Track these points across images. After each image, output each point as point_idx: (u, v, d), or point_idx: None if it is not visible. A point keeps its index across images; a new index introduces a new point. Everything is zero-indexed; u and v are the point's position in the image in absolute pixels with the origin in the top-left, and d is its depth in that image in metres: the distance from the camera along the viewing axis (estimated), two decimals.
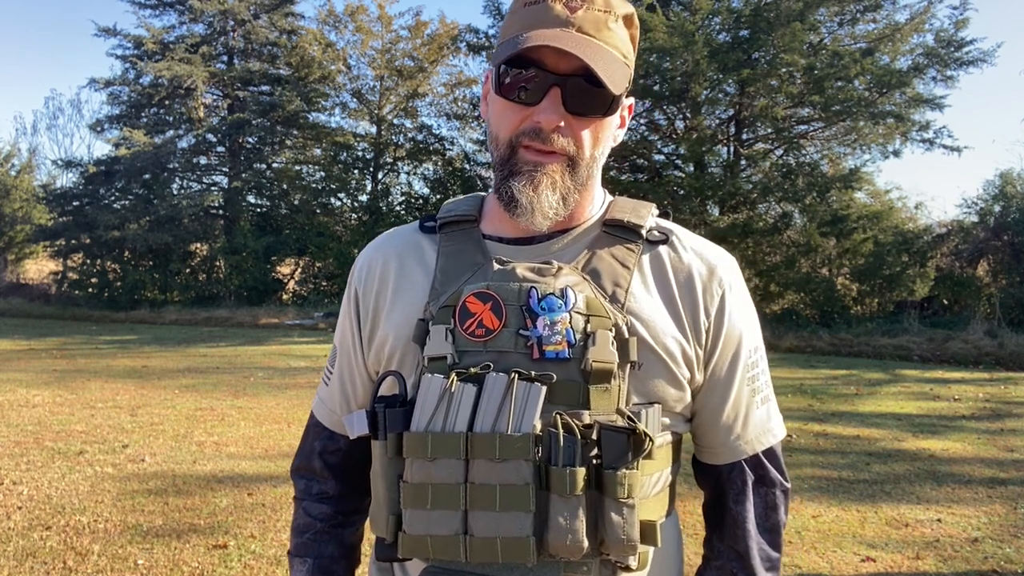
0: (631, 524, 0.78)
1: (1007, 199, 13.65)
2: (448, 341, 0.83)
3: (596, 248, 0.90)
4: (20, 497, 3.94)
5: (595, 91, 0.83)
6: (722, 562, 0.94)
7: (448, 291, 0.87)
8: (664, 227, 0.94)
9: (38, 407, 6.19)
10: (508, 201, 0.86)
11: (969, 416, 6.48)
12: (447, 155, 18.27)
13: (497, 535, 0.77)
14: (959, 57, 12.45)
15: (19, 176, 21.16)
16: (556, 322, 0.81)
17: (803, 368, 9.32)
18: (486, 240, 0.93)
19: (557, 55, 0.81)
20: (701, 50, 11.88)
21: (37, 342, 10.84)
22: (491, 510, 0.77)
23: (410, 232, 0.98)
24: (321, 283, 17.62)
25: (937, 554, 3.40)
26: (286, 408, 6.37)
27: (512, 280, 0.85)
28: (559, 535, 0.77)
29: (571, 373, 0.81)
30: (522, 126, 0.84)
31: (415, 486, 0.80)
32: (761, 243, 13.14)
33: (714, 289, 0.90)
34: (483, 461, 0.78)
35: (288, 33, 17.79)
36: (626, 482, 0.78)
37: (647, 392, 0.86)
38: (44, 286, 18.46)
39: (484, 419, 0.79)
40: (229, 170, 17.74)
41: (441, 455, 0.79)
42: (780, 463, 0.96)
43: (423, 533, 0.79)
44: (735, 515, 0.93)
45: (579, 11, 0.83)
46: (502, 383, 0.79)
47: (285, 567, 3.15)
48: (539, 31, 0.82)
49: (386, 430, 0.82)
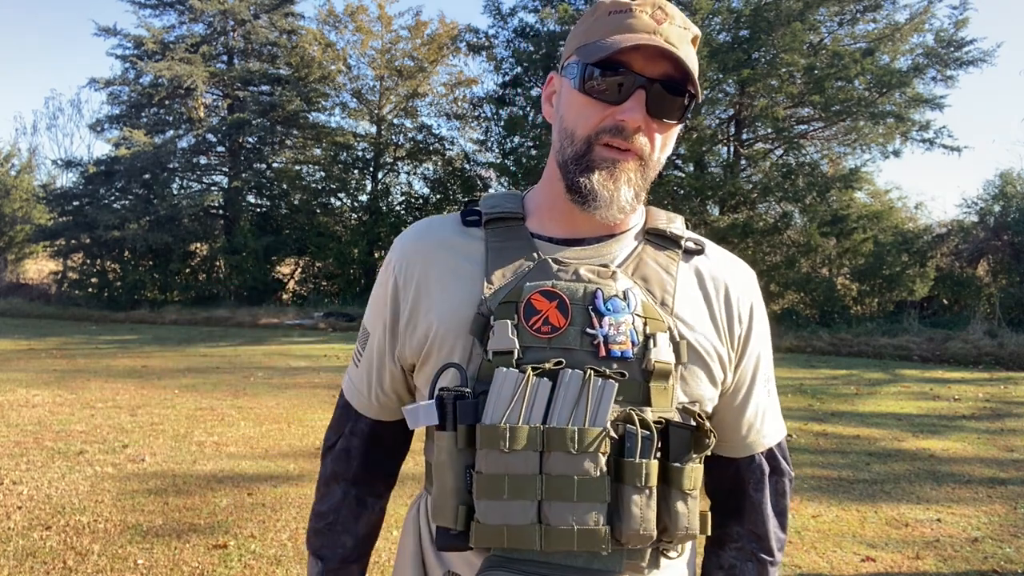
0: (694, 514, 0.85)
1: (1007, 199, 13.65)
2: (513, 336, 0.85)
3: (642, 255, 0.95)
4: (20, 497, 3.94)
5: (674, 98, 0.88)
6: (742, 543, 1.01)
7: (506, 287, 0.89)
8: (697, 239, 1.00)
9: (38, 407, 6.19)
10: (587, 194, 0.88)
11: (969, 416, 6.48)
12: (447, 155, 18.27)
13: (573, 524, 0.81)
14: (959, 57, 12.46)
15: (19, 176, 21.16)
16: (621, 323, 0.86)
17: (803, 368, 9.32)
18: (535, 239, 0.95)
19: (644, 59, 0.86)
20: (701, 50, 11.88)
21: (37, 342, 10.84)
22: (568, 500, 0.81)
23: (452, 224, 0.99)
24: (321, 283, 17.63)
25: (937, 554, 3.40)
26: (286, 408, 6.37)
27: (576, 280, 0.88)
28: (633, 524, 0.81)
29: (634, 372, 0.86)
30: (603, 123, 0.88)
31: (490, 477, 0.82)
32: (761, 243, 13.14)
33: (746, 300, 0.98)
34: (560, 453, 0.81)
35: (288, 33, 17.78)
36: (692, 475, 0.84)
37: (690, 392, 0.91)
38: (44, 286, 18.46)
39: (560, 413, 0.82)
40: (229, 170, 17.74)
41: (518, 447, 0.81)
42: (787, 455, 1.05)
43: (499, 523, 0.82)
44: (755, 502, 1.01)
45: (664, 23, 0.88)
46: (578, 379, 0.83)
47: (285, 567, 3.15)
48: (633, 35, 0.86)
49: (455, 421, 0.84)
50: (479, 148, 17.84)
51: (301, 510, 3.83)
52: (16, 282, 19.09)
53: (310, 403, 6.60)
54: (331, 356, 9.79)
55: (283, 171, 17.75)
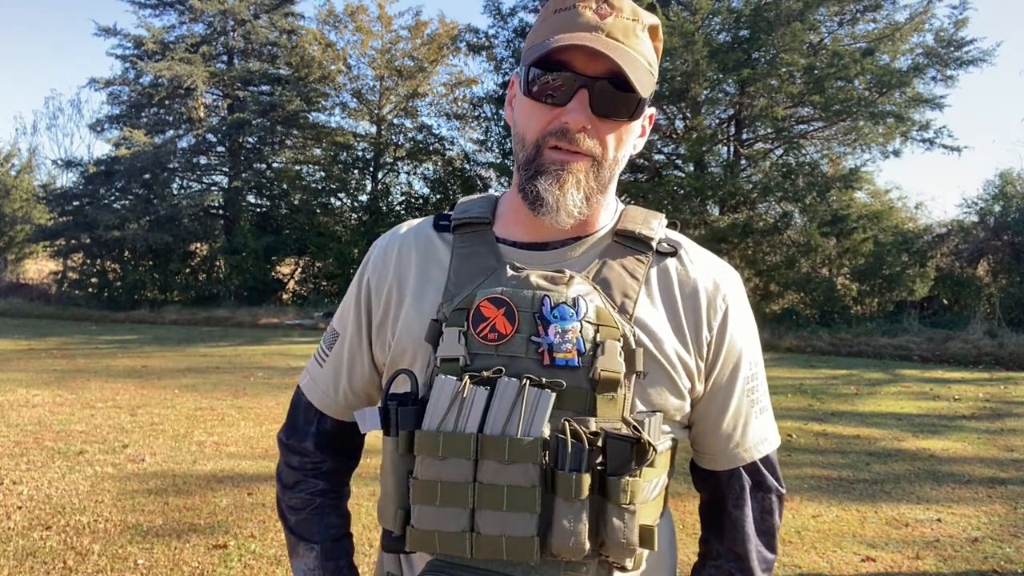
0: (631, 529, 0.81)
1: (1007, 199, 13.64)
2: (461, 343, 0.84)
3: (607, 258, 0.92)
4: (20, 497, 3.94)
5: (621, 95, 0.85)
6: (720, 562, 0.97)
7: (462, 293, 0.88)
8: (672, 239, 0.96)
9: (38, 407, 6.19)
10: (533, 199, 0.87)
11: (969, 416, 6.48)
12: (447, 155, 18.27)
13: (503, 534, 0.80)
14: (959, 57, 12.45)
15: (19, 176, 21.14)
16: (567, 331, 0.84)
17: (803, 368, 9.32)
18: (500, 244, 0.94)
19: (586, 58, 0.84)
20: (701, 50, 11.88)
21: (37, 342, 10.83)
22: (498, 509, 0.80)
23: (426, 229, 0.99)
24: (321, 283, 17.62)
25: (937, 554, 3.40)
26: (286, 408, 6.35)
27: (526, 287, 0.86)
28: (562, 537, 0.79)
29: (579, 381, 0.83)
30: (549, 127, 0.86)
31: (425, 483, 0.82)
32: (761, 243, 13.14)
33: (718, 304, 0.93)
34: (492, 462, 0.80)
35: (288, 33, 17.77)
36: (629, 489, 0.81)
37: (650, 401, 0.88)
38: (44, 286, 18.45)
39: (495, 422, 0.81)
40: (229, 170, 17.73)
41: (451, 454, 0.81)
42: (776, 470, 0.99)
43: (431, 528, 0.82)
44: (734, 519, 0.96)
45: (608, 18, 0.86)
46: (514, 388, 0.81)
47: (285, 567, 3.15)
48: (569, 34, 0.84)
49: (398, 427, 0.84)
50: (479, 148, 17.85)
51: None
52: (16, 282, 19.08)
53: None
54: None
55: (283, 171, 17.75)
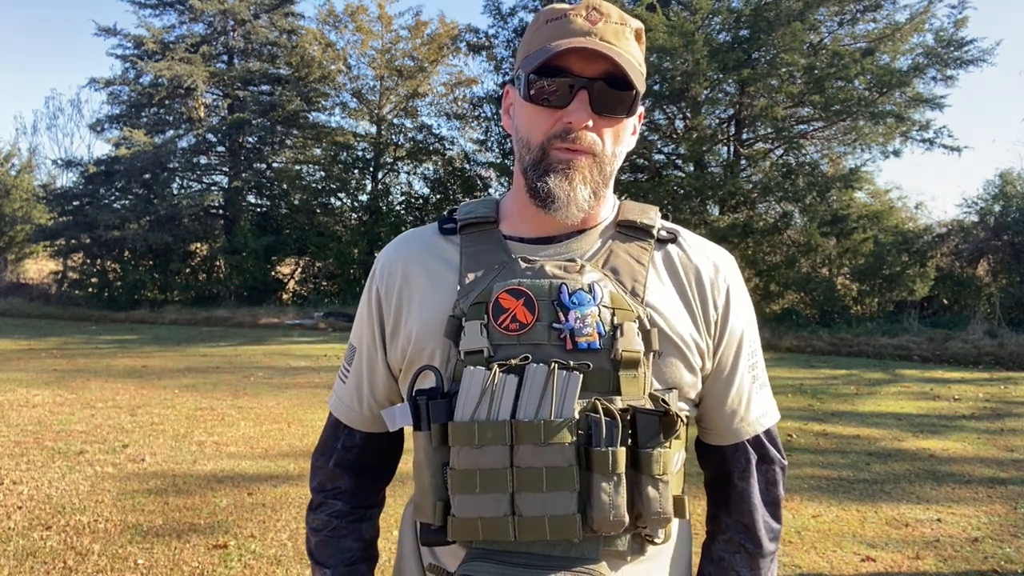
0: (666, 498, 0.86)
1: (1007, 199, 13.64)
2: (483, 336, 0.88)
3: (613, 247, 0.97)
4: (20, 497, 3.94)
5: (618, 93, 0.91)
6: (730, 535, 1.02)
7: (477, 288, 0.92)
8: (670, 227, 1.02)
9: (38, 407, 6.19)
10: (544, 197, 0.92)
11: (969, 416, 6.48)
12: (447, 155, 18.27)
13: (544, 514, 0.83)
14: (959, 56, 12.45)
15: (19, 176, 21.16)
16: (587, 315, 0.88)
17: (803, 368, 9.32)
18: (507, 240, 0.98)
19: (583, 61, 0.89)
20: (701, 50, 11.88)
21: (37, 342, 10.84)
22: (538, 491, 0.83)
23: (430, 234, 1.03)
24: (321, 283, 17.63)
25: (937, 554, 3.40)
26: (286, 408, 6.37)
27: (542, 277, 0.91)
28: (602, 511, 0.83)
29: (602, 362, 0.87)
30: (553, 129, 0.91)
31: (463, 472, 0.84)
32: (761, 243, 13.14)
33: (720, 284, 0.98)
34: (528, 446, 0.83)
35: (288, 33, 17.78)
36: (661, 460, 0.85)
37: (666, 379, 0.93)
38: (44, 286, 18.45)
39: (527, 407, 0.84)
40: (229, 170, 17.73)
41: (488, 442, 0.84)
42: (777, 442, 1.04)
43: (473, 516, 0.84)
44: (741, 491, 1.01)
45: (599, 23, 0.92)
46: (543, 373, 0.85)
47: (285, 567, 3.15)
48: (567, 40, 0.90)
49: (429, 421, 0.87)
50: (479, 148, 17.84)
51: (301, 510, 3.83)
52: (16, 282, 19.09)
53: (310, 403, 6.60)
54: (331, 356, 9.78)
55: (283, 171, 17.75)
